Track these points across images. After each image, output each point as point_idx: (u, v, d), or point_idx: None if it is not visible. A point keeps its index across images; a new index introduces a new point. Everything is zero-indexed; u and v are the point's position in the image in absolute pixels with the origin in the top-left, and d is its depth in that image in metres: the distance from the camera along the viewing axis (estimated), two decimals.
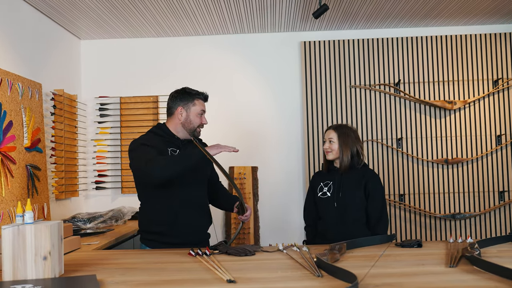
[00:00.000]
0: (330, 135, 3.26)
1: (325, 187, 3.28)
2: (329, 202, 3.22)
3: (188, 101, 3.06)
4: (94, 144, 5.09)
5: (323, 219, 3.27)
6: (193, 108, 3.05)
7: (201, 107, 3.07)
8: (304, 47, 5.07)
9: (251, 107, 5.12)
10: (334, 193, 3.22)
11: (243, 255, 2.49)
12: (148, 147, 2.85)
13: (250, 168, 5.04)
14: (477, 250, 2.21)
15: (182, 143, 3.05)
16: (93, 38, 5.12)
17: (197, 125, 3.06)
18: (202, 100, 3.11)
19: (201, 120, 3.07)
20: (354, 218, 3.16)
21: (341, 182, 3.22)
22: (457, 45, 5.00)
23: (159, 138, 3.00)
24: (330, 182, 3.28)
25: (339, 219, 3.17)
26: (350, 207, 3.16)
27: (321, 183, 3.33)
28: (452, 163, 4.90)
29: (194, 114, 3.05)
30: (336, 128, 3.28)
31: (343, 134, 3.24)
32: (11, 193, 3.52)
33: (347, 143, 3.21)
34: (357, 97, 5.01)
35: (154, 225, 2.95)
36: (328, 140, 3.27)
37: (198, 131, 3.09)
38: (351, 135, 3.25)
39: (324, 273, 1.97)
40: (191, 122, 3.04)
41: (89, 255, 2.68)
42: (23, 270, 1.97)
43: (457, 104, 4.88)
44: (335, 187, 3.23)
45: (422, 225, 4.91)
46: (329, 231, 3.18)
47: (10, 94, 3.59)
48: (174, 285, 1.87)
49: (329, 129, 3.33)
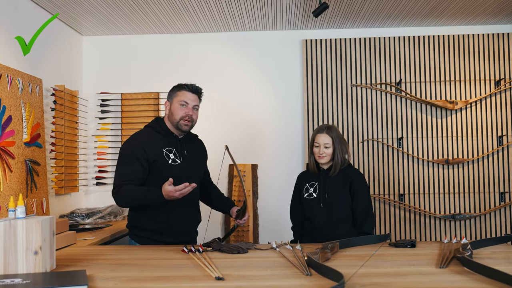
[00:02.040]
0: (326, 140, 3.19)
1: (311, 188, 3.26)
2: (315, 203, 3.21)
3: (172, 93, 3.00)
4: (95, 140, 5.11)
5: (310, 219, 3.25)
6: (175, 100, 2.96)
7: (183, 98, 2.94)
8: (306, 46, 5.06)
9: (252, 104, 5.12)
10: (320, 194, 3.20)
11: (235, 252, 2.49)
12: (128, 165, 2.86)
13: (250, 166, 5.05)
14: (469, 251, 2.21)
15: (179, 141, 3.02)
16: (95, 34, 5.14)
17: (179, 117, 2.93)
18: (187, 90, 2.96)
19: (184, 111, 2.92)
20: (340, 218, 3.15)
21: (327, 183, 3.20)
22: (459, 45, 4.98)
23: (157, 134, 2.98)
24: (315, 183, 3.26)
25: (325, 219, 3.15)
26: (336, 207, 3.15)
27: (306, 183, 3.31)
28: (453, 163, 4.88)
29: (176, 105, 2.94)
30: (329, 131, 3.21)
31: (337, 138, 3.20)
32: (10, 187, 3.53)
33: (340, 146, 3.20)
34: (358, 96, 5.00)
35: (145, 222, 2.93)
36: (322, 145, 3.19)
37: (181, 123, 2.94)
38: (340, 137, 3.23)
39: (314, 272, 1.97)
40: (172, 114, 2.95)
41: (82, 251, 2.69)
42: (14, 264, 1.98)
43: (459, 104, 4.86)
44: (321, 188, 3.21)
45: (422, 225, 4.90)
46: (316, 231, 3.17)
47: (10, 89, 3.60)
48: (162, 281, 1.88)
49: (320, 132, 3.24)
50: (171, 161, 2.92)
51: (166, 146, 2.95)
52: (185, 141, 3.05)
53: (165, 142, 2.96)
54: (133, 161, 2.85)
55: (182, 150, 3.01)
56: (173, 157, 2.94)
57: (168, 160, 2.91)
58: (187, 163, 3.00)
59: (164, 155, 2.91)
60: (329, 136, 3.19)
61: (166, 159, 2.91)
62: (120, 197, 2.82)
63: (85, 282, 1.71)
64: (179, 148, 2.99)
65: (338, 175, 3.20)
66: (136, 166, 2.85)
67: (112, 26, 4.85)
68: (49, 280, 1.85)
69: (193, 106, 2.98)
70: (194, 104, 2.97)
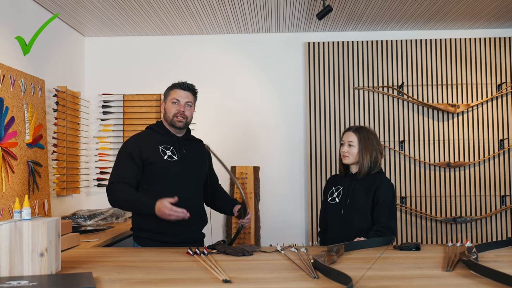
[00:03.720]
0: (350, 138, 3.04)
1: (336, 192, 3.11)
2: (336, 209, 3.07)
3: (166, 93, 3.09)
4: (97, 141, 5.10)
5: (329, 226, 3.13)
6: (168, 99, 3.04)
7: (175, 96, 3.01)
8: (308, 48, 5.06)
9: (254, 106, 5.12)
10: (343, 199, 3.05)
11: (240, 255, 2.48)
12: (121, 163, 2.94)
13: (252, 168, 5.04)
14: (475, 255, 2.20)
15: (177, 139, 3.04)
16: (97, 35, 5.14)
17: (172, 114, 2.99)
18: (178, 88, 3.04)
19: (175, 108, 2.99)
20: (359, 228, 2.95)
21: (351, 188, 3.04)
22: (461, 49, 4.99)
23: (155, 134, 3.04)
24: (341, 187, 3.10)
25: (343, 227, 3.00)
26: (355, 216, 2.99)
27: (333, 187, 3.16)
28: (454, 166, 4.88)
29: (169, 104, 3.02)
30: (357, 131, 3.06)
31: (364, 138, 3.02)
32: (12, 188, 3.53)
33: (368, 148, 3.01)
34: (360, 99, 5.00)
35: (146, 222, 2.92)
36: (347, 143, 3.04)
37: (175, 120, 2.99)
38: (372, 139, 3.04)
39: (321, 274, 1.97)
40: (166, 112, 3.03)
41: (87, 252, 2.68)
42: (19, 266, 1.97)
43: (460, 108, 4.87)
44: (345, 193, 3.06)
45: (423, 228, 4.90)
46: (333, 239, 2.98)
47: (12, 90, 3.60)
48: (169, 284, 1.87)
49: (348, 131, 3.09)
50: (167, 157, 2.96)
51: (163, 143, 3.00)
52: (183, 140, 3.08)
53: (162, 140, 3.01)
54: (127, 159, 2.93)
55: (180, 148, 3.03)
56: (169, 153, 2.97)
57: (164, 156, 2.95)
58: (185, 161, 3.01)
59: (160, 151, 2.96)
60: (354, 135, 3.04)
61: (162, 155, 2.96)
62: (112, 193, 2.89)
63: (92, 284, 1.70)
64: (176, 146, 3.02)
65: (365, 180, 3.03)
66: (129, 164, 2.92)
67: (114, 27, 4.85)
68: (55, 282, 1.85)
69: (186, 103, 3.02)
70: (186, 100, 3.02)
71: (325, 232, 3.20)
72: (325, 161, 4.95)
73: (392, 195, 3.03)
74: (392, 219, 2.98)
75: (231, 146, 5.07)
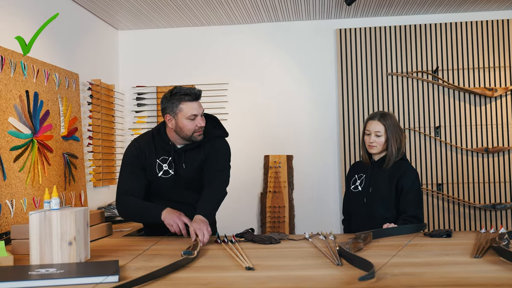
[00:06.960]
0: (377, 127, 2.94)
1: (358, 180, 3.07)
2: (359, 197, 3.03)
3: (173, 106, 2.72)
4: (132, 133, 5.18)
5: (352, 215, 3.11)
6: (180, 115, 2.71)
7: (191, 111, 2.70)
8: (340, 35, 5.00)
9: (286, 95, 5.10)
10: (365, 187, 3.00)
11: (268, 243, 2.49)
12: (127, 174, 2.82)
13: (285, 157, 5.03)
14: (506, 241, 2.15)
15: (174, 149, 2.82)
16: (130, 28, 5.20)
17: (191, 131, 2.73)
18: (190, 101, 2.71)
19: (194, 124, 2.72)
20: (383, 217, 2.91)
21: (374, 176, 2.99)
22: (498, 30, 4.84)
23: (156, 143, 2.86)
24: (363, 175, 3.05)
25: (366, 216, 2.97)
26: (378, 205, 2.95)
27: (355, 175, 3.11)
28: (493, 151, 4.76)
29: (184, 120, 2.71)
30: (382, 119, 2.95)
31: (392, 126, 2.94)
32: (48, 180, 3.62)
33: (394, 136, 2.93)
34: (394, 85, 4.92)
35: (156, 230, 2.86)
36: (374, 133, 2.94)
37: (195, 136, 2.76)
38: (396, 126, 2.96)
39: (345, 262, 1.96)
40: (182, 130, 2.74)
41: (118, 241, 2.73)
42: (49, 254, 2.03)
43: (498, 91, 4.73)
44: (367, 181, 3.01)
45: (461, 215, 4.80)
46: (357, 227, 2.94)
47: (46, 84, 3.68)
48: (192, 271, 1.89)
49: (372, 119, 2.99)
50: (162, 173, 2.82)
51: (161, 155, 2.84)
52: (184, 152, 2.84)
53: (161, 152, 2.85)
54: (128, 172, 2.83)
55: (180, 159, 2.84)
56: (166, 167, 2.83)
57: (159, 172, 2.83)
58: (181, 175, 2.84)
59: (156, 167, 2.83)
60: (381, 124, 2.94)
61: (157, 171, 2.83)
62: (119, 208, 2.85)
63: (116, 272, 1.73)
64: (176, 158, 2.83)
65: (389, 168, 2.96)
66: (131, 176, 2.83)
67: (146, 20, 4.90)
68: (82, 269, 1.89)
69: (202, 114, 2.77)
70: (201, 111, 2.76)
71: (349, 220, 3.18)
72: (359, 148, 4.90)
73: (418, 183, 2.97)
74: (419, 207, 2.92)
75: (264, 135, 5.07)
